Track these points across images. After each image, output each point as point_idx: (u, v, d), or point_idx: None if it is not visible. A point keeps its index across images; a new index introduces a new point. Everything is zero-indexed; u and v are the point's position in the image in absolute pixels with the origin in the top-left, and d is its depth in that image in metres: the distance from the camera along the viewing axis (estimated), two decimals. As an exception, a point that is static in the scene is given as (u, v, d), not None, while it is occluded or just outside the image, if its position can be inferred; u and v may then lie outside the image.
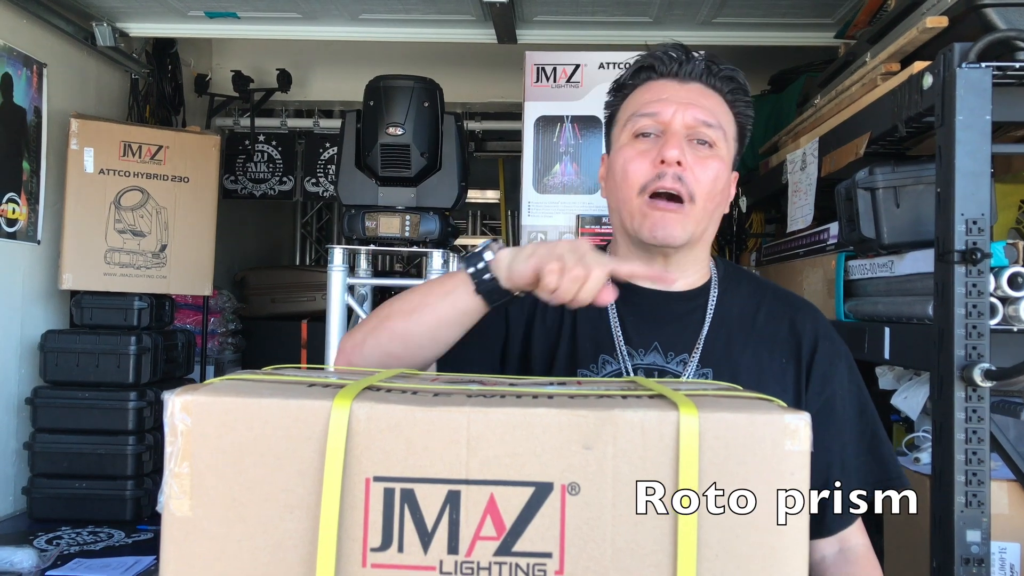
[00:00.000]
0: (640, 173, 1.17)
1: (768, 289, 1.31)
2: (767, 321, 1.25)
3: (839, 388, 1.24)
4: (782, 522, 0.71)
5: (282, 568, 0.71)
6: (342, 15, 3.25)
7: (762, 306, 1.26)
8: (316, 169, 4.59)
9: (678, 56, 1.21)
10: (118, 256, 3.12)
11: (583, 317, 1.23)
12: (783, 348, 1.23)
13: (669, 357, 1.21)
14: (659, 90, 1.20)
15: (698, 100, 1.19)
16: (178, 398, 0.73)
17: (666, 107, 1.18)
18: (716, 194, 1.19)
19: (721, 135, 1.19)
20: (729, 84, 1.22)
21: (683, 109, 1.17)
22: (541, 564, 0.71)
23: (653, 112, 1.18)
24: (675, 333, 1.22)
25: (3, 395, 2.94)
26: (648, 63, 1.23)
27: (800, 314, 1.26)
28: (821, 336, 1.25)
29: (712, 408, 0.73)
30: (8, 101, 2.87)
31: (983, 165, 1.57)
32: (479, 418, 0.72)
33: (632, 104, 1.23)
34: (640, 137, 1.19)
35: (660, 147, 1.16)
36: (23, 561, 2.32)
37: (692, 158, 1.16)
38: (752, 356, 1.21)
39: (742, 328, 1.24)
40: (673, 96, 1.19)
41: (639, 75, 1.24)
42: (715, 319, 1.23)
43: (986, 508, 1.54)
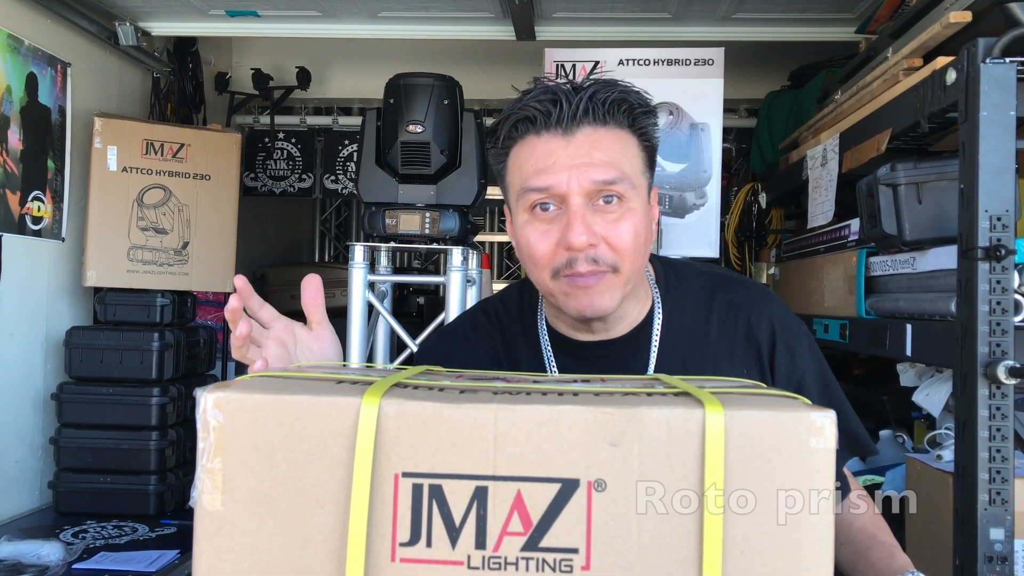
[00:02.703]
0: (549, 258, 1.07)
1: (715, 290, 1.22)
2: (720, 331, 1.18)
3: (805, 379, 1.19)
4: (807, 519, 0.72)
5: (312, 562, 0.72)
6: (361, 13, 3.26)
7: (712, 315, 1.19)
8: (335, 166, 4.61)
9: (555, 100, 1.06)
10: (141, 253, 3.15)
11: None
12: (742, 355, 1.17)
13: None
14: (544, 152, 1.06)
15: (590, 154, 1.05)
16: (210, 395, 0.74)
17: (556, 176, 1.04)
18: (639, 247, 1.08)
19: (627, 185, 1.06)
20: (621, 108, 1.07)
21: (576, 174, 1.04)
22: (568, 560, 0.71)
23: (544, 186, 1.05)
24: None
25: (29, 391, 2.98)
26: (523, 115, 1.07)
27: (753, 314, 1.19)
28: (778, 330, 1.19)
29: (737, 406, 0.73)
30: (33, 100, 2.91)
31: (1007, 161, 1.56)
32: (506, 415, 0.73)
33: (519, 170, 1.09)
34: (538, 211, 1.07)
35: (563, 229, 1.05)
36: (50, 554, 2.35)
37: (602, 225, 1.05)
38: (712, 372, 1.15)
39: (695, 345, 1.17)
40: (561, 159, 1.05)
41: (517, 129, 1.09)
42: (662, 348, 1.17)
43: (1010, 506, 1.54)
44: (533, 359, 1.21)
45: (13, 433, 2.89)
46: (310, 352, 1.06)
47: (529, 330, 1.23)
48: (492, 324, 1.26)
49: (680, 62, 2.88)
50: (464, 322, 1.31)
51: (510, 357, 1.23)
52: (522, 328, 1.24)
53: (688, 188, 2.88)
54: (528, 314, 1.25)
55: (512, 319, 1.26)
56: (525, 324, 1.24)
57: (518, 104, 1.09)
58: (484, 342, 1.25)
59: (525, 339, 1.23)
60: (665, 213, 2.86)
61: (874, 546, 1.16)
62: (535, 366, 1.20)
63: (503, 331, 1.25)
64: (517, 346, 1.23)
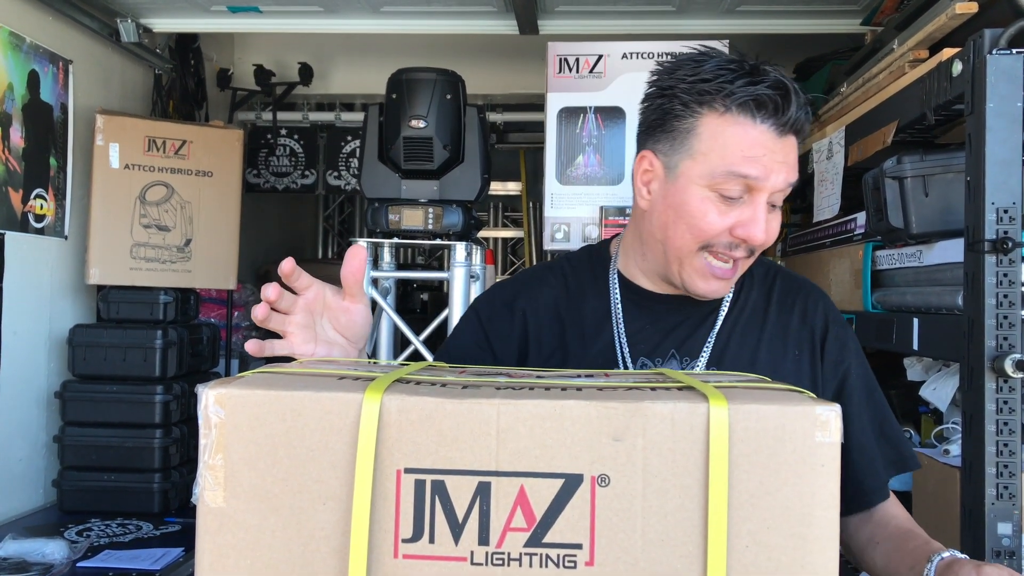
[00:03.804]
0: (714, 235, 1.11)
1: (777, 276, 1.28)
2: (779, 312, 1.24)
3: (850, 373, 1.24)
4: (813, 513, 0.71)
5: (315, 558, 0.72)
6: (363, 8, 3.25)
7: (772, 297, 1.25)
8: (338, 162, 4.61)
9: (787, 100, 1.08)
10: (143, 251, 3.15)
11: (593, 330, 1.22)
12: (796, 338, 1.23)
13: (685, 363, 1.20)
14: (758, 143, 1.08)
15: (788, 158, 1.10)
16: (212, 391, 0.73)
17: (762, 172, 1.07)
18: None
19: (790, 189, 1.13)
20: (805, 129, 1.13)
21: (777, 172, 1.08)
22: (571, 555, 0.71)
23: (753, 175, 1.07)
24: (691, 337, 1.21)
25: (33, 389, 2.98)
26: (753, 98, 1.07)
27: (810, 301, 1.25)
28: (831, 321, 1.25)
29: (742, 400, 0.72)
30: (35, 98, 2.90)
31: (1014, 153, 1.54)
32: (509, 410, 0.72)
33: (721, 146, 1.09)
34: (722, 196, 1.10)
35: (746, 221, 1.09)
36: (54, 552, 2.36)
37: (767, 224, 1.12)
38: (767, 351, 1.21)
39: (755, 323, 1.23)
40: (770, 156, 1.08)
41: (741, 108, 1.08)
42: (728, 318, 1.22)
43: (1017, 500, 1.53)
44: (599, 306, 1.24)
45: (17, 432, 2.89)
46: (337, 323, 1.07)
47: (599, 279, 1.27)
48: (555, 275, 1.30)
49: (684, 56, 2.86)
50: (527, 272, 1.36)
51: (573, 304, 1.26)
52: (591, 277, 1.28)
53: (692, 182, 2.87)
54: (598, 265, 1.29)
55: (578, 270, 1.30)
56: (595, 273, 1.28)
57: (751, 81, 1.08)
58: (546, 289, 1.28)
59: (594, 286, 1.27)
60: (669, 207, 2.85)
61: (911, 538, 1.18)
62: (599, 313, 1.24)
63: (566, 281, 1.29)
64: (583, 293, 1.26)
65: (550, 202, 2.87)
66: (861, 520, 1.24)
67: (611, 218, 2.79)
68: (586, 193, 2.86)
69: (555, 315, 1.25)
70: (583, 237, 2.84)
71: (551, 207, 2.87)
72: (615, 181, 2.87)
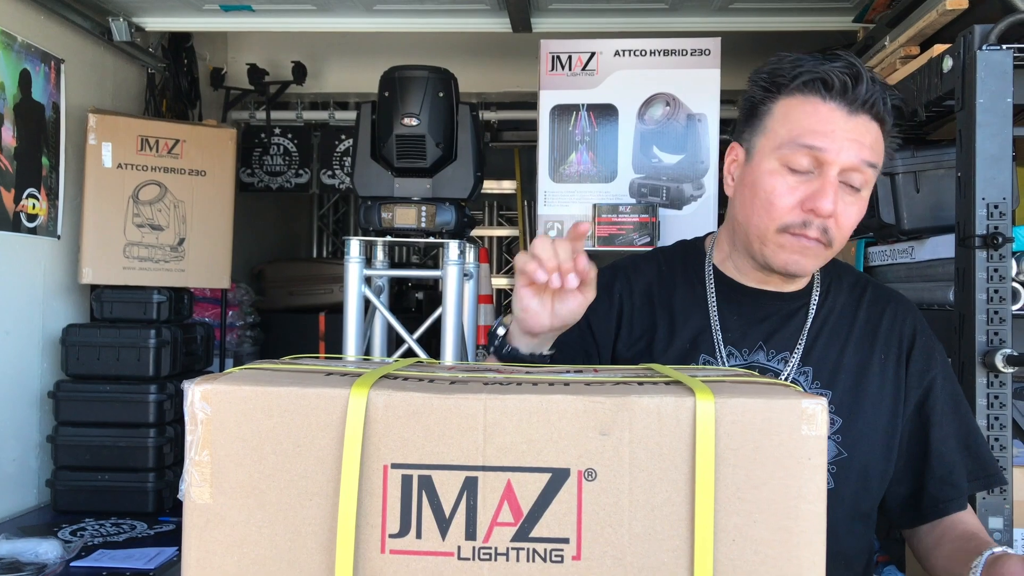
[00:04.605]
0: (786, 212, 1.13)
1: (868, 284, 1.31)
2: (868, 317, 1.26)
3: (936, 383, 1.25)
4: (799, 507, 0.71)
5: (302, 554, 0.72)
6: (356, 6, 3.25)
7: (862, 302, 1.27)
8: (332, 161, 4.60)
9: (855, 76, 1.12)
10: (137, 250, 3.14)
11: (683, 317, 1.24)
12: (883, 344, 1.24)
13: (771, 355, 1.21)
14: (826, 118, 1.11)
15: (863, 136, 1.12)
16: (198, 387, 0.73)
17: (831, 144, 1.10)
18: (851, 231, 1.17)
19: (874, 173, 1.14)
20: (894, 116, 1.16)
21: (852, 147, 1.10)
22: (558, 549, 0.71)
23: (817, 147, 1.11)
24: (778, 332, 1.23)
25: (26, 389, 2.97)
26: (821, 76, 1.12)
27: (899, 309, 1.28)
28: (919, 331, 1.27)
29: (728, 394, 0.73)
30: (27, 97, 2.90)
31: (1004, 149, 1.55)
32: (495, 405, 0.72)
33: (791, 121, 1.14)
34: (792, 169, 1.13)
35: (814, 193, 1.11)
36: (48, 552, 2.35)
37: (840, 205, 1.12)
38: (854, 354, 1.23)
39: (844, 326, 1.25)
40: (840, 131, 1.11)
41: (809, 85, 1.13)
42: (817, 317, 1.24)
43: (1008, 495, 1.53)
44: (689, 296, 1.27)
45: (10, 432, 2.88)
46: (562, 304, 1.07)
47: (691, 271, 1.30)
48: (650, 263, 1.33)
49: (676, 53, 2.87)
50: (623, 260, 1.39)
51: (665, 291, 1.28)
52: (683, 267, 1.31)
53: (685, 179, 2.87)
54: (691, 256, 1.32)
55: (671, 260, 1.33)
56: (688, 265, 1.31)
57: (819, 62, 1.13)
58: (641, 276, 1.31)
59: (685, 276, 1.29)
60: (662, 205, 2.85)
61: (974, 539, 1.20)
62: (689, 302, 1.26)
63: (660, 269, 1.31)
64: (675, 282, 1.29)
65: (543, 200, 2.87)
66: (932, 525, 1.25)
67: (604, 216, 2.79)
68: (579, 191, 2.86)
69: (648, 300, 1.28)
70: (576, 235, 2.83)
71: (544, 205, 2.87)
72: (608, 179, 2.87)
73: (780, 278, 1.23)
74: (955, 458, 1.23)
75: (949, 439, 1.23)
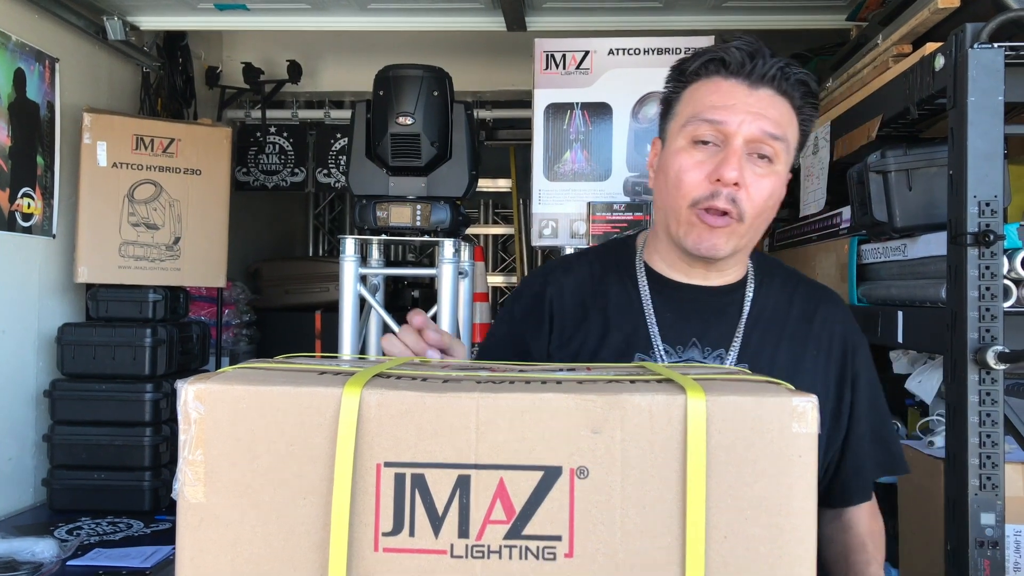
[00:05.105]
0: (694, 187, 1.14)
1: (799, 281, 1.32)
2: (801, 314, 1.27)
3: (860, 379, 1.28)
4: (790, 504, 0.72)
5: (296, 553, 0.72)
6: (351, 5, 3.25)
7: (795, 299, 1.28)
8: (328, 160, 4.60)
9: (752, 53, 1.14)
10: (132, 249, 3.14)
11: (616, 316, 1.24)
12: (816, 340, 1.26)
13: (706, 352, 1.21)
14: (726, 93, 1.14)
15: (766, 110, 1.13)
16: (191, 387, 0.74)
17: (731, 116, 1.12)
18: (768, 209, 1.17)
19: (783, 147, 1.15)
20: (801, 89, 1.17)
21: (749, 120, 1.12)
22: (551, 547, 0.71)
23: (717, 120, 1.13)
24: (713, 328, 1.23)
25: (22, 388, 2.97)
26: (719, 56, 1.15)
27: (831, 307, 1.29)
28: (849, 328, 1.29)
29: (719, 391, 0.73)
30: (21, 96, 2.89)
31: (996, 146, 1.55)
32: (488, 403, 0.73)
33: (694, 101, 1.17)
34: (698, 144, 1.15)
35: (718, 163, 1.12)
36: (44, 551, 2.35)
37: (749, 176, 1.13)
38: (787, 350, 1.24)
39: (777, 322, 1.25)
40: (740, 103, 1.13)
41: (708, 67, 1.17)
42: (751, 314, 1.25)
43: (1000, 491, 1.54)
44: (623, 295, 1.26)
45: (6, 430, 2.88)
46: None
47: (623, 269, 1.29)
48: (582, 263, 1.33)
49: (671, 51, 2.87)
50: (555, 261, 1.40)
51: (598, 291, 1.28)
52: (615, 266, 1.30)
53: (680, 178, 2.87)
54: (623, 254, 1.32)
55: (604, 258, 1.32)
56: (619, 262, 1.30)
57: (717, 47, 1.17)
58: (572, 276, 1.30)
59: (617, 276, 1.29)
60: (657, 203, 2.85)
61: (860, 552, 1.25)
62: (623, 300, 1.26)
63: (592, 268, 1.31)
64: (607, 280, 1.28)
65: (538, 198, 2.88)
66: (833, 515, 1.28)
67: (599, 214, 2.79)
68: (574, 189, 2.86)
69: (580, 301, 1.27)
70: (571, 233, 2.84)
71: (539, 203, 2.88)
72: (603, 177, 2.88)
73: (704, 266, 1.23)
74: (868, 450, 1.27)
75: (866, 433, 1.27)
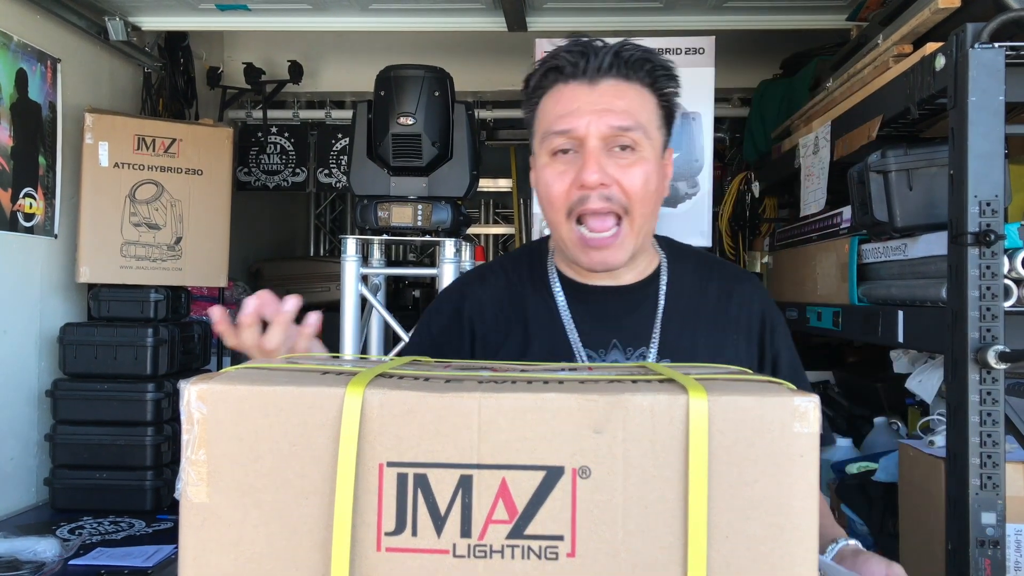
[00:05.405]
0: (564, 197, 1.14)
1: (713, 264, 1.32)
2: (717, 298, 1.26)
3: (781, 357, 1.28)
4: (791, 503, 0.72)
5: (298, 553, 0.72)
6: (352, 5, 3.25)
7: (710, 283, 1.27)
8: (329, 160, 4.60)
9: (584, 53, 1.14)
10: (134, 249, 3.14)
11: (536, 327, 1.23)
12: (734, 323, 1.25)
13: (628, 352, 1.21)
14: (569, 99, 1.14)
15: (612, 103, 1.12)
16: (193, 387, 0.74)
17: (577, 120, 1.12)
18: (649, 195, 1.15)
19: (642, 134, 1.13)
20: (644, 67, 1.15)
21: (596, 119, 1.11)
22: (553, 547, 0.72)
23: (565, 128, 1.13)
24: (631, 327, 1.22)
25: (24, 388, 2.98)
26: (552, 65, 1.16)
27: (745, 286, 1.29)
28: (765, 307, 1.28)
29: (721, 391, 0.73)
30: (23, 96, 2.90)
31: (996, 146, 1.56)
32: (490, 403, 0.73)
33: (544, 115, 1.17)
34: (558, 155, 1.15)
35: (578, 169, 1.12)
36: (46, 551, 2.35)
37: (615, 169, 1.12)
38: (707, 337, 1.23)
39: (694, 309, 1.25)
40: (584, 104, 1.13)
41: (547, 78, 1.17)
42: (668, 305, 1.24)
43: (1001, 490, 1.54)
44: (539, 302, 1.25)
45: (8, 430, 2.89)
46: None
47: (537, 278, 1.28)
48: (496, 273, 1.32)
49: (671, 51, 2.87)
50: (470, 274, 1.38)
51: (516, 301, 1.27)
52: (529, 275, 1.29)
53: (680, 177, 2.88)
54: (536, 261, 1.30)
55: (519, 268, 1.31)
56: (533, 272, 1.29)
57: (549, 55, 1.17)
58: (488, 289, 1.29)
59: (532, 285, 1.28)
60: (658, 203, 2.85)
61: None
62: (542, 312, 1.24)
63: (507, 278, 1.30)
64: (524, 289, 1.27)
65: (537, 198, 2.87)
66: None
67: (600, 214, 2.79)
68: (575, 189, 2.86)
69: (499, 313, 1.26)
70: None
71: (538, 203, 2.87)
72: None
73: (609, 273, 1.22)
74: None
75: None
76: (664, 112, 1.19)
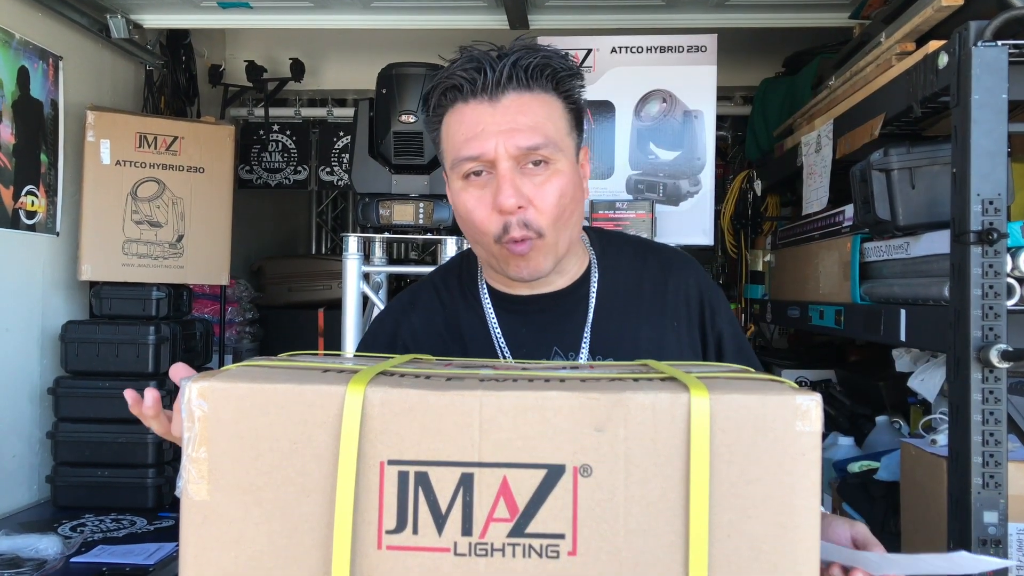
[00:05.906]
0: (486, 224, 1.11)
1: (648, 251, 1.30)
2: (653, 286, 1.25)
3: (724, 335, 1.26)
4: (793, 502, 0.72)
5: (299, 551, 0.72)
6: (354, 3, 3.25)
7: (645, 272, 1.26)
8: (331, 158, 4.60)
9: (480, 68, 1.09)
10: (135, 247, 3.14)
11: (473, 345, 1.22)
12: (673, 311, 1.24)
13: (570, 357, 1.19)
14: (473, 121, 1.10)
15: (516, 120, 1.09)
16: (195, 384, 0.74)
17: (485, 144, 1.08)
18: (566, 207, 1.13)
19: (552, 148, 1.10)
20: (544, 73, 1.11)
21: (504, 140, 1.08)
22: (554, 545, 0.72)
23: (473, 155, 1.09)
24: (568, 331, 1.21)
25: (26, 385, 2.98)
26: (450, 84, 1.11)
27: (683, 271, 1.27)
28: (703, 289, 1.27)
29: (723, 390, 0.73)
30: (25, 94, 2.90)
31: (999, 145, 1.55)
32: (491, 402, 0.73)
33: (450, 138, 1.13)
34: (471, 177, 1.12)
35: (494, 193, 1.09)
36: (48, 548, 2.36)
37: (530, 189, 1.10)
38: (648, 327, 1.22)
39: (631, 301, 1.23)
40: (489, 126, 1.09)
41: (446, 97, 1.13)
42: (601, 304, 1.22)
43: (1003, 489, 1.54)
44: (474, 319, 1.24)
45: (10, 428, 2.89)
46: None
47: (468, 292, 1.27)
48: (428, 293, 1.30)
49: (673, 49, 2.87)
50: (402, 298, 1.34)
51: (450, 321, 1.26)
52: (460, 291, 1.28)
53: (682, 176, 2.87)
54: (467, 277, 1.29)
55: (449, 283, 1.30)
56: (464, 287, 1.28)
57: (445, 73, 1.12)
58: (422, 312, 1.28)
59: (464, 301, 1.27)
60: (659, 201, 2.85)
61: None
62: (476, 326, 1.23)
63: (439, 296, 1.29)
64: (456, 307, 1.26)
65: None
66: None
67: (601, 212, 2.79)
68: (577, 187, 2.86)
69: (434, 333, 1.25)
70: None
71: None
72: (605, 175, 2.88)
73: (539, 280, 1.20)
74: None
75: None
76: (573, 115, 1.16)
